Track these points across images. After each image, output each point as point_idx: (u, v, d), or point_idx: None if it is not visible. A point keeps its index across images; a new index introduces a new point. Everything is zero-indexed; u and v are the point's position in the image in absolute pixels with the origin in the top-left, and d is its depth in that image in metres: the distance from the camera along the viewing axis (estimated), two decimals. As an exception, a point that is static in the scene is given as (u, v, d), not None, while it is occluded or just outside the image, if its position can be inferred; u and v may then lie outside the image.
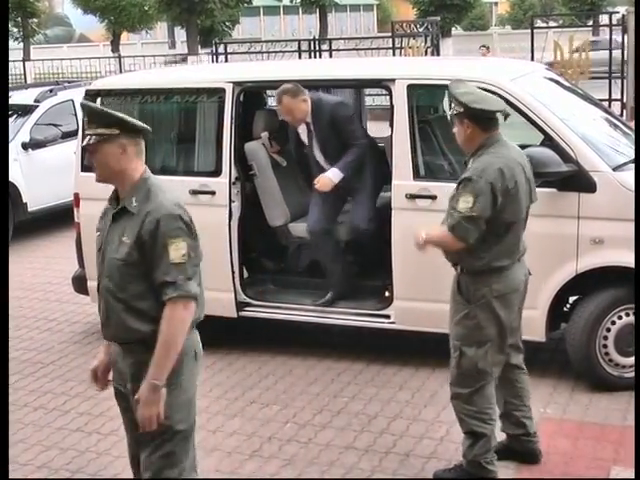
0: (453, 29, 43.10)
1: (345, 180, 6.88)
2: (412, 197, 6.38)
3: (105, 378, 4.34)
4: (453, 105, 4.99)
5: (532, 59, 17.65)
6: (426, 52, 19.05)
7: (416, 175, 6.47)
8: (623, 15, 18.28)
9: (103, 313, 4.09)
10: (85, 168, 7.48)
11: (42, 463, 5.60)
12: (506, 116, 5.11)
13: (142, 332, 3.92)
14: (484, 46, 23.10)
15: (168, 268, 3.81)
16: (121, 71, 26.32)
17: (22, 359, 7.38)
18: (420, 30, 19.81)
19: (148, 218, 3.87)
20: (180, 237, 3.86)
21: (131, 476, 5.37)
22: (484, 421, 4.99)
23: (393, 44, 19.81)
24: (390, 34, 20.40)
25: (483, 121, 4.87)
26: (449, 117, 5.78)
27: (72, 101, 12.55)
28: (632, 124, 10.25)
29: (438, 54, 20.30)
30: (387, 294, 6.72)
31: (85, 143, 4.00)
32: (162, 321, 3.82)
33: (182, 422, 4.13)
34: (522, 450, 5.30)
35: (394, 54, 19.30)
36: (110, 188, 4.22)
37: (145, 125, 4.07)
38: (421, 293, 6.46)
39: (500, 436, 5.26)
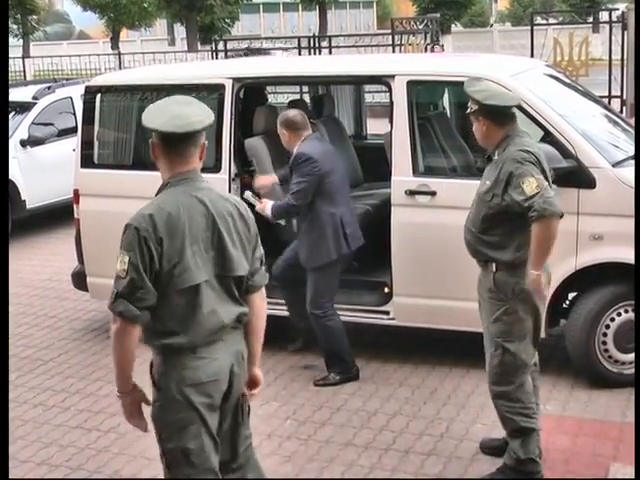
0: (453, 26, 43.05)
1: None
2: (411, 193, 6.38)
3: None
4: (469, 103, 4.98)
5: (532, 56, 17.64)
6: (426, 49, 19.03)
7: (415, 171, 6.47)
8: (623, 12, 18.28)
9: None
10: (85, 164, 7.48)
11: (42, 460, 5.60)
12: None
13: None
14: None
15: (115, 278, 3.71)
16: (121, 68, 26.28)
17: (22, 356, 7.38)
18: (420, 27, 19.79)
19: None
20: (128, 251, 3.67)
21: (132, 472, 5.39)
22: (530, 416, 4.99)
23: (393, 41, 19.80)
24: (390, 31, 20.38)
25: (498, 117, 4.89)
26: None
27: (70, 98, 12.55)
28: (632, 121, 10.26)
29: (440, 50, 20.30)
30: (386, 290, 6.72)
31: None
32: None
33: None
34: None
35: (394, 51, 19.29)
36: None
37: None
38: (420, 289, 6.46)
39: (498, 433, 5.28)
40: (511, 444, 5.03)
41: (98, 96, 7.50)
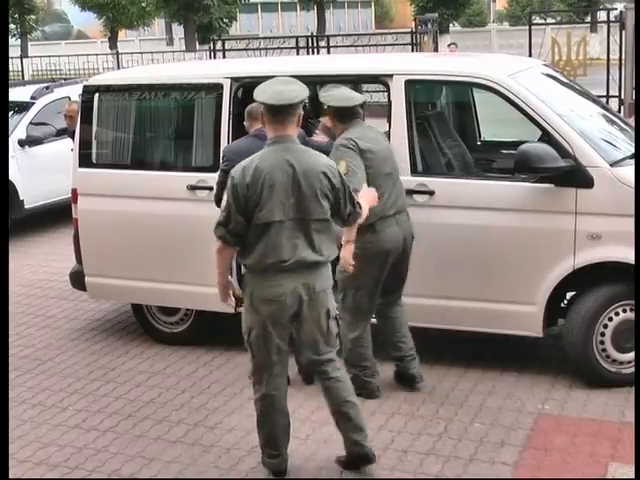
0: (451, 26, 43.08)
1: None
2: (410, 192, 6.37)
3: None
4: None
5: (530, 56, 17.63)
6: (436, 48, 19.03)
7: (414, 171, 6.46)
8: (621, 12, 18.26)
9: None
10: (83, 164, 7.48)
11: (40, 460, 5.60)
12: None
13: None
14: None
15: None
16: (119, 68, 26.27)
17: (20, 356, 7.38)
18: (429, 27, 19.75)
19: None
20: (228, 192, 4.87)
21: (130, 472, 5.40)
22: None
23: (412, 40, 19.88)
24: (390, 31, 20.40)
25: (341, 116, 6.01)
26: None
27: (68, 98, 12.54)
28: (630, 120, 10.26)
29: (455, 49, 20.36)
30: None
31: None
32: None
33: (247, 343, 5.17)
34: (400, 373, 6.33)
35: (413, 50, 19.26)
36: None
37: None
38: (419, 288, 6.45)
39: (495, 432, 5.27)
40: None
41: (96, 96, 7.49)
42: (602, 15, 23.53)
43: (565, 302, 6.42)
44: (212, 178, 6.86)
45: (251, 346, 5.07)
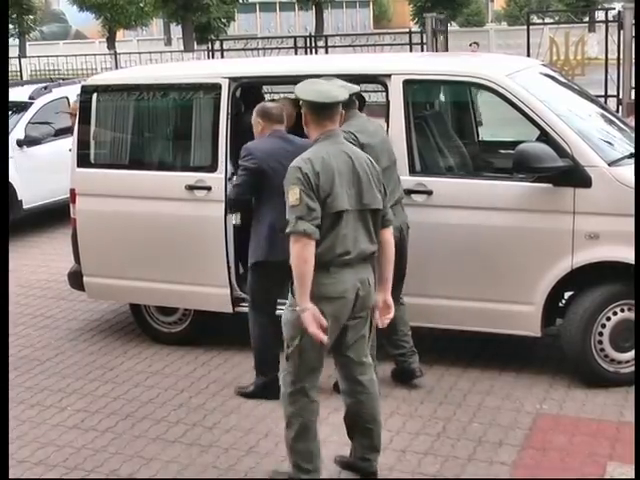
0: (448, 25, 43.03)
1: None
2: (408, 192, 6.37)
3: None
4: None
5: (528, 55, 17.65)
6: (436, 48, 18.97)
7: (412, 170, 6.47)
8: (619, 11, 18.28)
9: None
10: (81, 164, 7.48)
11: (39, 460, 5.60)
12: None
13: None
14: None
15: (288, 209, 4.65)
16: (117, 68, 26.27)
17: (19, 356, 7.38)
18: (437, 26, 19.68)
19: None
20: (295, 184, 4.62)
21: (128, 472, 5.40)
22: None
23: (410, 40, 19.83)
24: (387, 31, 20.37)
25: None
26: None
27: (67, 98, 12.55)
28: (629, 120, 10.27)
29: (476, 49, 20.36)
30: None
31: None
32: None
33: (290, 341, 4.81)
34: (402, 370, 6.31)
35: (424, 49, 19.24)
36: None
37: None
38: (417, 288, 6.45)
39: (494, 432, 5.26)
40: None
41: (94, 96, 7.49)
42: (600, 15, 23.54)
43: (563, 302, 6.43)
44: (210, 178, 6.87)
45: (301, 352, 4.76)
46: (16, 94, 12.35)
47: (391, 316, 4.95)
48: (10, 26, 38.92)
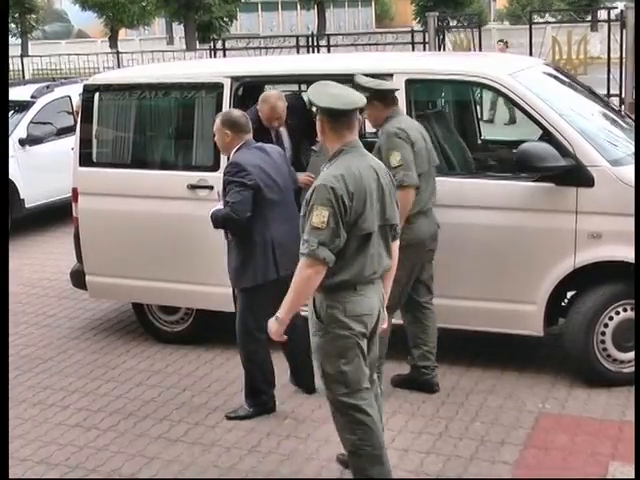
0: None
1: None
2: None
3: None
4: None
5: (530, 54, 17.62)
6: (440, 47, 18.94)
7: (414, 170, 6.46)
8: (622, 10, 18.25)
9: None
10: (83, 163, 7.48)
11: (41, 459, 5.60)
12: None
13: None
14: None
15: (308, 229, 4.40)
16: (119, 67, 26.29)
17: (21, 355, 7.38)
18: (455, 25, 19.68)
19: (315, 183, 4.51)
20: (325, 206, 4.35)
21: (130, 471, 5.40)
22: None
23: (412, 39, 19.79)
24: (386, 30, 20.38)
25: (387, 99, 5.94)
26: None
27: (69, 97, 12.56)
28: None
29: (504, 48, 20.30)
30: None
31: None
32: (296, 271, 4.49)
33: (329, 366, 4.63)
34: (421, 381, 6.22)
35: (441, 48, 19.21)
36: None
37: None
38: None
39: (496, 430, 5.27)
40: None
41: (96, 95, 7.49)
42: (603, 14, 23.50)
43: (566, 301, 6.42)
44: (212, 177, 6.87)
45: (347, 376, 4.59)
46: (18, 93, 12.37)
47: (385, 327, 4.93)
48: (12, 25, 39.04)
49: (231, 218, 5.80)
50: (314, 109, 4.47)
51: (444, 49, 18.83)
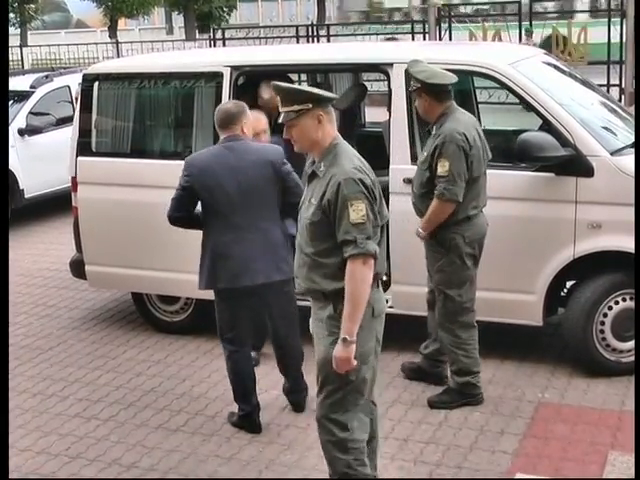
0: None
1: None
2: (410, 181, 6.34)
3: None
4: (412, 82, 5.70)
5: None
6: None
7: (414, 159, 6.44)
8: (622, 0, 18.23)
9: (294, 267, 4.47)
10: (82, 152, 7.47)
11: (41, 449, 5.61)
12: None
13: (324, 288, 4.26)
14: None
15: (349, 228, 4.09)
16: (118, 57, 26.23)
17: (21, 345, 7.39)
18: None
19: (332, 181, 4.16)
20: (360, 199, 4.10)
21: (131, 461, 5.41)
22: (469, 352, 5.91)
23: (412, 29, 19.72)
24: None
25: (439, 94, 5.64)
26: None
27: (68, 87, 12.54)
28: (631, 109, 10.24)
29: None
30: (384, 278, 6.71)
31: (283, 120, 4.32)
32: (346, 278, 4.12)
33: (353, 373, 4.26)
34: (432, 372, 6.23)
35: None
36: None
37: (333, 94, 4.53)
38: (419, 277, 6.44)
39: (496, 420, 5.27)
40: (452, 373, 5.94)
41: (96, 84, 7.48)
42: (603, 4, 23.44)
43: (565, 291, 6.42)
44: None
45: (366, 385, 4.36)
46: (17, 83, 12.35)
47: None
48: (11, 15, 38.88)
49: (167, 215, 5.75)
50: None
51: (450, 39, 18.79)
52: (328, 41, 21.69)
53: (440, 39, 18.61)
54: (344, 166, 4.17)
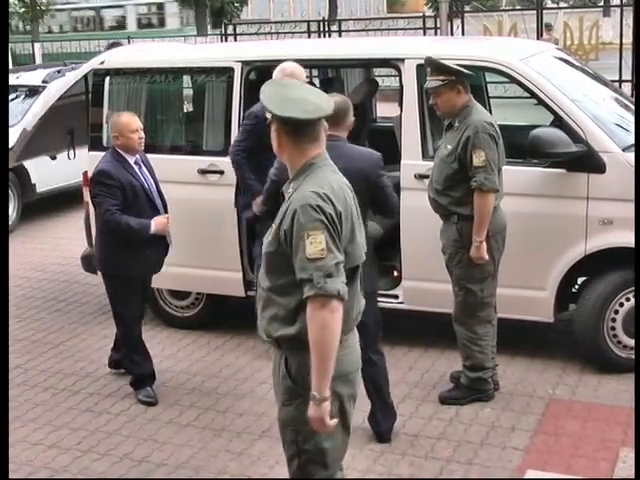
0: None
1: None
2: (421, 177, 6.35)
3: None
4: (435, 77, 5.61)
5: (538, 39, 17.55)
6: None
7: (425, 155, 6.44)
8: (634, -5, 18.17)
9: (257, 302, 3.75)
10: (93, 147, 7.48)
11: (52, 443, 5.63)
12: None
13: (270, 333, 3.59)
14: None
15: (304, 264, 3.36)
16: (130, 52, 26.27)
17: (32, 339, 7.41)
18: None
19: (290, 207, 3.45)
20: (318, 229, 3.36)
21: (141, 455, 5.41)
22: (483, 348, 5.86)
23: (423, 24, 19.73)
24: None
25: (467, 84, 5.66)
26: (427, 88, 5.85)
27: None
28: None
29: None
30: (396, 274, 6.72)
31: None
32: (307, 323, 3.39)
33: (308, 442, 3.65)
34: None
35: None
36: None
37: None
38: (429, 273, 6.44)
39: (507, 416, 5.26)
40: (464, 368, 5.93)
41: (107, 79, 7.49)
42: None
43: (576, 287, 6.41)
44: (223, 162, 6.86)
45: (327, 455, 3.65)
46: (29, 78, 12.35)
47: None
48: (23, 9, 38.89)
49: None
50: (268, 115, 3.49)
51: (462, 34, 18.76)
52: (339, 36, 21.67)
53: (452, 34, 18.57)
54: (305, 191, 3.42)
